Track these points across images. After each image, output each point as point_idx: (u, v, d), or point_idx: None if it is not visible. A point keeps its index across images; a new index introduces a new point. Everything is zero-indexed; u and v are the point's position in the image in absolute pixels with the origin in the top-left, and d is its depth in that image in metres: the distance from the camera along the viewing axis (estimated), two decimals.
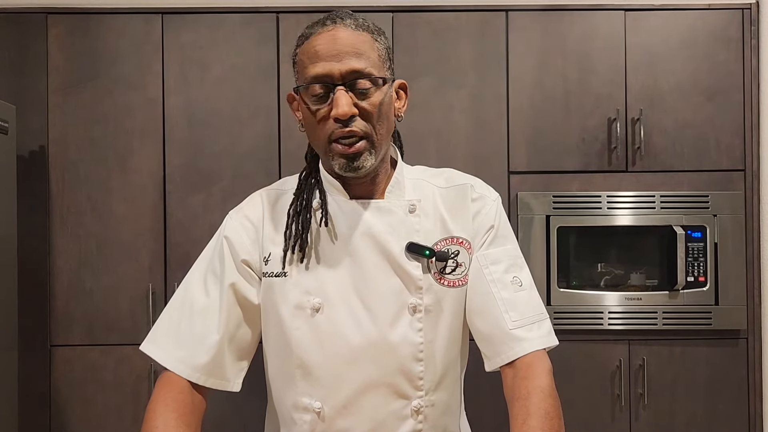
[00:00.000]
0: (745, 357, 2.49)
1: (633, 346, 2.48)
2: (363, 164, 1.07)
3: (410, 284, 1.10)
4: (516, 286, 1.12)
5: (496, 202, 1.18)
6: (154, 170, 2.47)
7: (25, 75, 2.46)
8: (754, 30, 2.51)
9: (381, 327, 1.09)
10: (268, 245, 1.14)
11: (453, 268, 1.13)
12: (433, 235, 1.13)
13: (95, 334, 2.44)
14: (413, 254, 1.11)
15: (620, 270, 2.55)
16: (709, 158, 2.50)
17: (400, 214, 1.13)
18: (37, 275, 2.44)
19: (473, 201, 1.17)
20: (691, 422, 2.48)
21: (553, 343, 1.12)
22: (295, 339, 1.11)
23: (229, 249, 1.15)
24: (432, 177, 1.20)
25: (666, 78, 2.51)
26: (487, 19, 2.51)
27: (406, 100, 1.17)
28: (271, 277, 1.13)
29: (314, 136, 1.10)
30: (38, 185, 2.45)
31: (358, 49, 1.05)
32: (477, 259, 1.13)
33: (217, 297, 1.12)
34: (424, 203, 1.15)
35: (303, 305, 1.10)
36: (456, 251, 1.14)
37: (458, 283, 1.13)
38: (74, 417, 2.45)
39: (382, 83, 1.08)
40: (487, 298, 1.11)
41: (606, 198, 2.48)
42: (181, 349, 1.09)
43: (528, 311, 1.11)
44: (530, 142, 2.50)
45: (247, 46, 2.49)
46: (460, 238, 1.14)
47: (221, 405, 2.42)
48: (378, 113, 1.07)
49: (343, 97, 1.04)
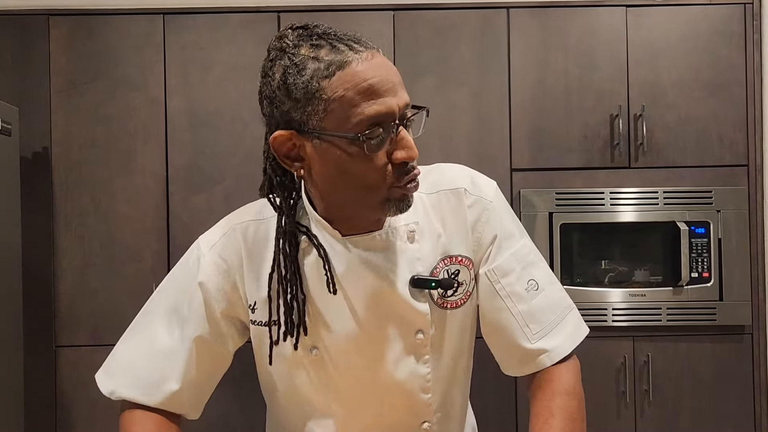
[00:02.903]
0: (750, 352, 2.48)
1: (638, 343, 2.48)
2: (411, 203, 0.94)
3: (417, 320, 1.01)
4: (532, 291, 1.03)
5: (494, 202, 1.05)
6: (157, 171, 2.48)
7: (27, 76, 2.47)
8: (756, 24, 2.50)
9: (386, 368, 1.01)
10: (252, 292, 1.02)
11: (454, 290, 1.03)
12: (432, 258, 1.02)
13: (100, 334, 2.45)
14: (418, 288, 1.00)
15: (624, 266, 2.54)
16: (712, 154, 2.50)
17: (399, 245, 1.00)
18: (41, 276, 2.45)
19: (469, 208, 1.04)
20: (696, 418, 2.47)
21: (581, 337, 1.06)
22: (296, 383, 1.04)
23: (203, 299, 1.02)
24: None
25: (668, 73, 2.50)
26: (488, 17, 2.51)
27: None
28: (260, 326, 1.02)
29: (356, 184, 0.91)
30: (41, 186, 2.46)
31: (399, 76, 0.91)
32: (486, 275, 1.03)
33: (178, 344, 1.02)
34: (421, 224, 1.02)
35: (300, 355, 1.01)
36: (456, 271, 1.03)
37: (460, 303, 1.04)
38: (80, 418, 2.45)
39: None
40: (502, 315, 1.03)
41: (609, 194, 2.47)
42: (136, 388, 1.03)
43: (548, 315, 1.03)
44: (532, 139, 2.50)
45: (248, 46, 2.49)
46: (459, 257, 1.03)
47: (223, 405, 2.42)
48: None
49: (409, 137, 0.91)
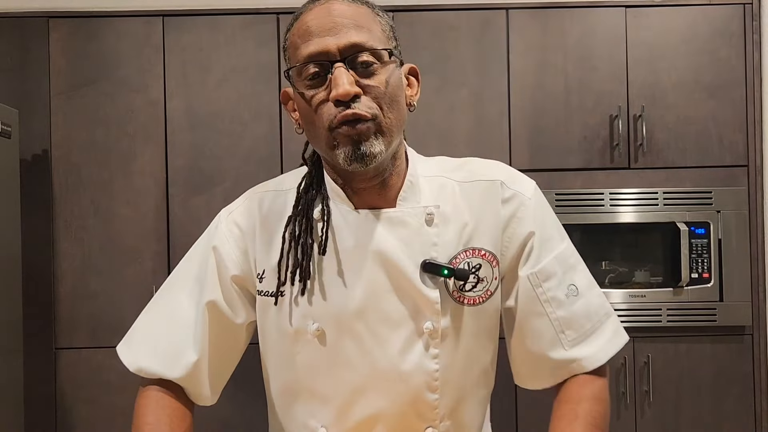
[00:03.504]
0: (750, 353, 2.48)
1: (638, 344, 2.48)
2: (370, 149, 0.89)
3: (426, 307, 0.96)
4: (572, 297, 0.99)
5: (533, 199, 1.00)
6: (157, 172, 2.48)
7: (27, 79, 2.47)
8: (755, 25, 2.50)
9: (391, 355, 0.96)
10: (262, 260, 1.00)
11: (474, 284, 0.98)
12: (453, 247, 0.97)
13: (100, 336, 2.45)
14: (430, 274, 0.96)
15: (624, 267, 2.54)
16: (712, 154, 2.49)
17: (414, 226, 0.97)
18: (41, 278, 2.45)
19: (504, 203, 0.99)
20: (696, 419, 2.47)
21: (618, 347, 1.02)
22: (297, 363, 1.00)
23: (215, 262, 1.02)
24: (452, 171, 1.03)
25: (667, 74, 2.50)
26: (487, 18, 2.51)
27: (419, 87, 1.00)
28: (266, 296, 1.00)
29: (313, 130, 0.94)
30: (41, 189, 2.46)
31: (357, 21, 0.90)
32: (528, 279, 0.99)
33: (194, 311, 1.02)
34: (443, 207, 0.98)
35: (303, 329, 0.98)
36: (477, 265, 0.98)
37: (479, 300, 0.99)
38: (80, 419, 2.45)
39: (389, 57, 0.92)
40: (539, 321, 0.99)
41: (609, 195, 2.47)
42: (155, 358, 1.01)
43: (586, 322, 0.99)
44: (532, 140, 2.50)
45: (247, 48, 2.49)
46: (482, 250, 0.98)
47: (224, 406, 2.42)
48: (385, 93, 0.91)
49: (344, 75, 0.88)
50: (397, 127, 0.94)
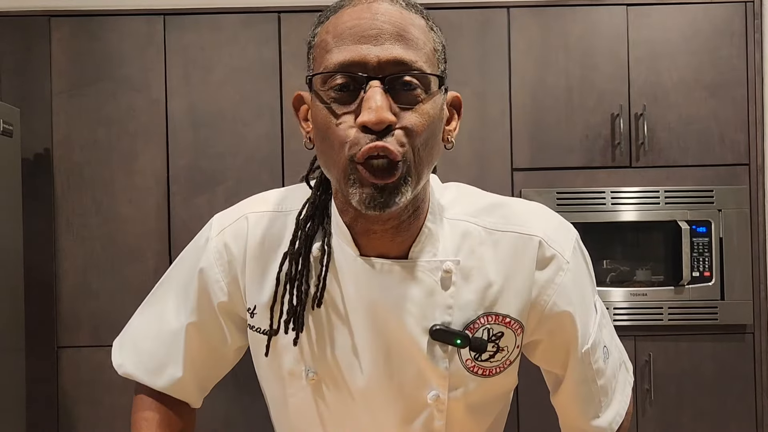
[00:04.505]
0: (751, 352, 2.48)
1: (639, 342, 2.48)
2: (395, 199, 0.74)
3: (433, 378, 0.85)
4: (606, 360, 0.92)
5: (571, 263, 0.87)
6: (158, 172, 2.48)
7: (28, 78, 2.47)
8: (756, 24, 2.50)
9: (391, 424, 0.87)
10: (253, 296, 0.89)
11: (492, 354, 0.86)
12: (472, 310, 0.84)
13: (101, 335, 2.45)
14: (439, 342, 0.83)
15: (625, 266, 2.54)
16: (713, 153, 2.49)
17: (428, 285, 0.83)
18: (43, 277, 2.45)
19: (540, 266, 0.85)
20: (697, 418, 2.47)
21: (632, 379, 0.99)
22: (290, 406, 0.91)
23: (198, 287, 0.92)
24: (481, 213, 0.87)
25: (669, 73, 2.50)
26: (488, 17, 2.51)
27: (459, 121, 0.84)
28: (258, 333, 0.89)
29: (329, 152, 0.77)
30: (43, 188, 2.46)
31: (408, 33, 0.74)
32: (582, 357, 0.89)
33: (180, 327, 0.94)
34: (464, 261, 0.84)
35: (297, 373, 0.88)
36: (499, 333, 0.85)
37: (496, 371, 0.87)
38: (81, 418, 2.46)
39: (437, 87, 0.76)
40: (585, 391, 0.91)
41: (610, 194, 2.47)
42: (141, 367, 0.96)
43: (613, 381, 0.94)
44: (533, 138, 2.50)
45: (249, 47, 2.49)
46: (508, 318, 0.85)
47: (225, 406, 2.42)
48: (425, 129, 0.75)
49: (380, 97, 0.72)
50: (429, 169, 0.79)
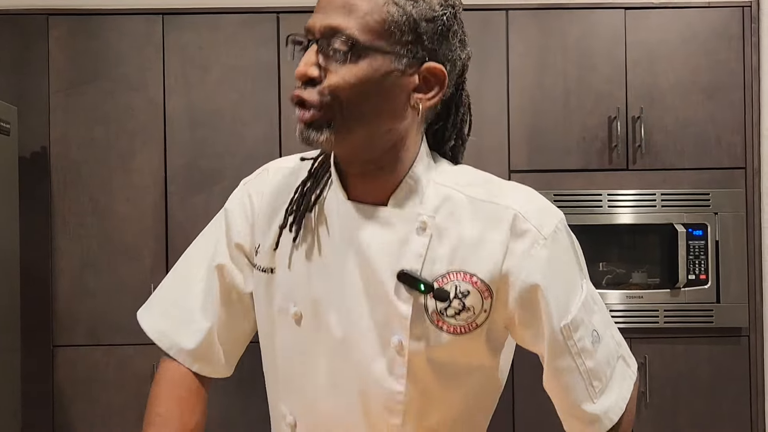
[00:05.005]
0: (746, 355, 2.49)
1: (635, 345, 2.48)
2: (313, 137, 0.85)
3: (395, 320, 0.88)
4: (596, 343, 0.91)
5: (549, 240, 0.89)
6: (156, 171, 2.48)
7: (26, 76, 2.47)
8: (754, 27, 2.51)
9: (356, 363, 0.90)
10: (261, 235, 0.99)
11: (457, 311, 0.88)
12: (443, 265, 0.88)
13: (97, 334, 2.45)
14: (406, 285, 0.87)
15: (621, 268, 2.55)
16: (710, 156, 2.50)
17: (403, 232, 0.88)
18: (39, 276, 2.45)
19: (515, 237, 0.88)
20: (693, 420, 2.48)
21: (635, 375, 0.97)
22: (277, 344, 0.97)
23: (225, 226, 1.02)
24: (468, 185, 0.92)
25: (666, 76, 2.51)
26: (487, 18, 2.51)
27: (440, 92, 0.88)
28: (260, 272, 0.98)
29: None
30: (40, 186, 2.46)
31: (352, 4, 0.83)
32: (561, 332, 0.88)
33: (206, 273, 1.01)
34: (441, 219, 0.89)
35: (285, 310, 0.95)
36: (466, 291, 0.88)
37: (460, 330, 0.89)
38: (77, 417, 2.45)
39: (371, 53, 0.83)
40: (571, 376, 0.91)
41: (607, 196, 2.48)
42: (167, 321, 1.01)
43: (607, 368, 0.92)
44: (531, 140, 2.50)
45: (247, 47, 2.49)
46: (475, 278, 0.88)
47: (225, 407, 2.42)
48: (350, 87, 0.83)
49: (309, 55, 0.85)
50: (366, 123, 0.85)
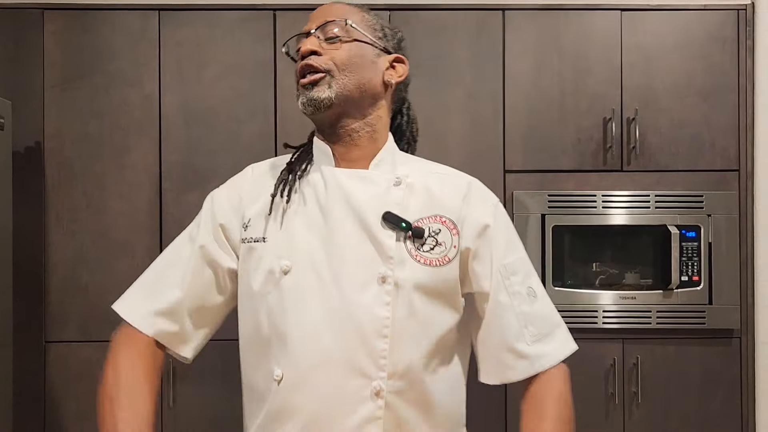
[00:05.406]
0: (738, 356, 2.50)
1: (627, 345, 2.49)
2: (318, 94, 1.07)
3: (382, 253, 1.05)
4: (532, 297, 1.10)
5: (497, 206, 1.14)
6: (150, 167, 2.47)
7: (21, 70, 2.46)
8: (749, 30, 2.52)
9: (346, 295, 1.03)
10: (249, 210, 1.14)
11: (432, 247, 1.07)
12: (417, 212, 1.09)
13: (90, 330, 2.44)
14: (390, 224, 1.06)
15: (615, 269, 2.56)
16: (704, 158, 2.51)
17: (382, 186, 1.10)
18: (32, 271, 2.44)
19: (470, 192, 1.13)
20: (684, 421, 2.49)
21: (571, 350, 1.11)
22: (266, 304, 1.07)
23: (210, 210, 1.17)
24: (429, 165, 1.19)
25: (661, 78, 2.52)
26: (483, 18, 2.52)
27: (405, 74, 1.17)
28: (250, 243, 1.11)
29: None
30: (34, 181, 2.45)
31: (339, 11, 1.12)
32: (498, 271, 1.09)
33: (187, 256, 1.14)
34: (412, 180, 1.12)
35: (274, 269, 1.07)
36: (438, 230, 1.08)
37: (435, 263, 1.07)
38: (69, 413, 2.44)
39: (357, 38, 1.10)
40: (505, 313, 1.08)
41: (601, 197, 2.49)
42: (143, 298, 1.12)
43: (544, 324, 1.10)
44: (526, 141, 2.51)
45: (244, 44, 2.48)
46: (443, 217, 1.09)
47: (214, 403, 2.42)
48: (345, 58, 1.09)
49: (311, 38, 1.10)
50: (357, 91, 1.10)
